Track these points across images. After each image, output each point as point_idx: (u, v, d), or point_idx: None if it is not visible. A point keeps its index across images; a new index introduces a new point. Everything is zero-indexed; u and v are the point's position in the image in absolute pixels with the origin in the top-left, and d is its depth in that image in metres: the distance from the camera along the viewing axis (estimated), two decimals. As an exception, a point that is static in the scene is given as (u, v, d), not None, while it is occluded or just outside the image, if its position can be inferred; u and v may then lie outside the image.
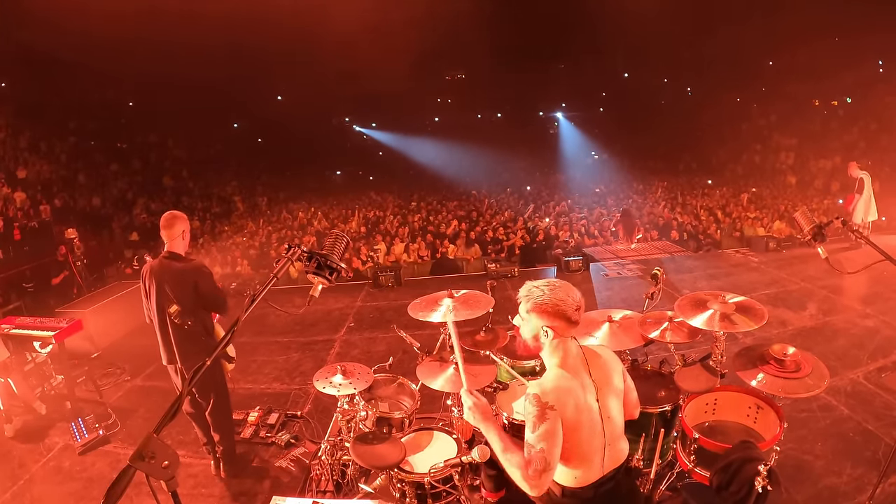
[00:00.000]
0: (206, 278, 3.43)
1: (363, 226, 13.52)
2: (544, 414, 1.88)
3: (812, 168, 16.63)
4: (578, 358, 2.04)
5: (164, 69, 16.80)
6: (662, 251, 9.72)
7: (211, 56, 16.53)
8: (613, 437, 2.05)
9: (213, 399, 3.61)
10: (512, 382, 3.36)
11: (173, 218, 3.42)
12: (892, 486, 3.15)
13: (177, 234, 3.41)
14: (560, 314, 1.98)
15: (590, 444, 1.97)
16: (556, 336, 2.01)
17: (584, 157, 23.62)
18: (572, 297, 1.99)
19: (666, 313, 3.30)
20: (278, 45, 17.23)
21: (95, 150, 17.44)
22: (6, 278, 9.11)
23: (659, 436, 2.76)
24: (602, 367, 2.08)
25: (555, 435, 1.87)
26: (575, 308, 1.99)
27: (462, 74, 25.99)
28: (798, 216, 3.02)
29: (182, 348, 3.43)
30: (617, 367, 2.14)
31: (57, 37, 13.77)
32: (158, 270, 3.40)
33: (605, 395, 2.03)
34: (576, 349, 2.06)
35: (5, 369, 4.53)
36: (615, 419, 2.06)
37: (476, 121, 26.29)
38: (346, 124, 26.57)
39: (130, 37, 14.31)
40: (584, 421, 1.94)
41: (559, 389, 1.93)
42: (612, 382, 2.09)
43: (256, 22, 15.93)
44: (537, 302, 2.00)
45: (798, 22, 16.42)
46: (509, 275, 8.35)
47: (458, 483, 2.73)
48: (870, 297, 6.24)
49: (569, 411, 1.91)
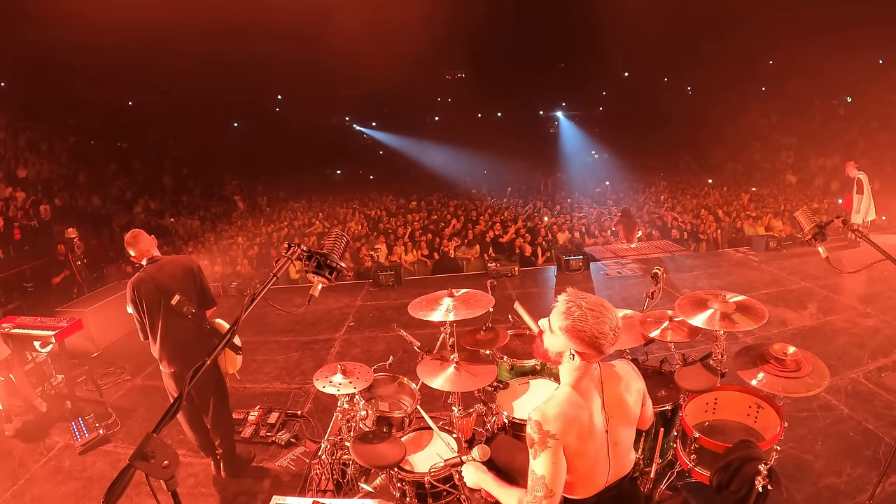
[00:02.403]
0: (200, 271, 3.59)
1: (363, 225, 13.52)
2: (545, 442, 1.81)
3: (812, 167, 16.63)
4: (595, 381, 1.94)
5: (165, 69, 16.81)
6: (663, 250, 9.72)
7: (211, 56, 16.51)
8: (618, 459, 1.99)
9: (213, 400, 3.61)
10: (512, 382, 3.36)
11: (136, 233, 3.51)
12: (892, 485, 3.15)
13: (146, 246, 3.50)
14: (595, 346, 1.82)
15: (593, 467, 1.92)
16: (582, 360, 1.88)
17: (584, 156, 23.63)
18: (613, 330, 1.82)
19: (666, 312, 3.30)
20: (278, 45, 17.21)
21: (95, 149, 17.45)
22: (6, 278, 9.11)
23: (659, 435, 2.76)
24: (618, 394, 1.98)
25: (557, 463, 1.81)
26: (612, 343, 1.83)
27: (462, 74, 25.99)
28: (799, 215, 3.02)
29: (188, 346, 3.43)
30: (634, 389, 2.03)
31: (57, 37, 13.77)
32: (149, 274, 3.41)
33: (615, 423, 1.95)
34: (595, 371, 1.95)
35: (6, 366, 4.54)
36: (623, 445, 1.99)
37: (476, 120, 26.29)
38: (346, 124, 26.58)
39: (131, 37, 14.28)
40: (587, 449, 1.88)
41: (562, 417, 1.84)
42: (627, 411, 1.99)
43: (257, 22, 15.93)
44: (575, 325, 1.81)
45: (798, 21, 16.41)
46: (509, 274, 8.35)
47: (458, 482, 2.73)
48: (870, 297, 6.24)
49: (571, 439, 1.83)
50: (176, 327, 3.41)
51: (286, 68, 19.71)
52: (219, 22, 14.70)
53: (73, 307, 6.38)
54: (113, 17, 13.08)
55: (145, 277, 3.41)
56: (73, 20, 12.57)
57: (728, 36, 18.97)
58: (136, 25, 14.08)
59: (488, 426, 3.31)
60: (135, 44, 14.78)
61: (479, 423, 3.48)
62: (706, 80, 22.06)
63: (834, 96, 19.55)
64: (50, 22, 12.96)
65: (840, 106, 19.25)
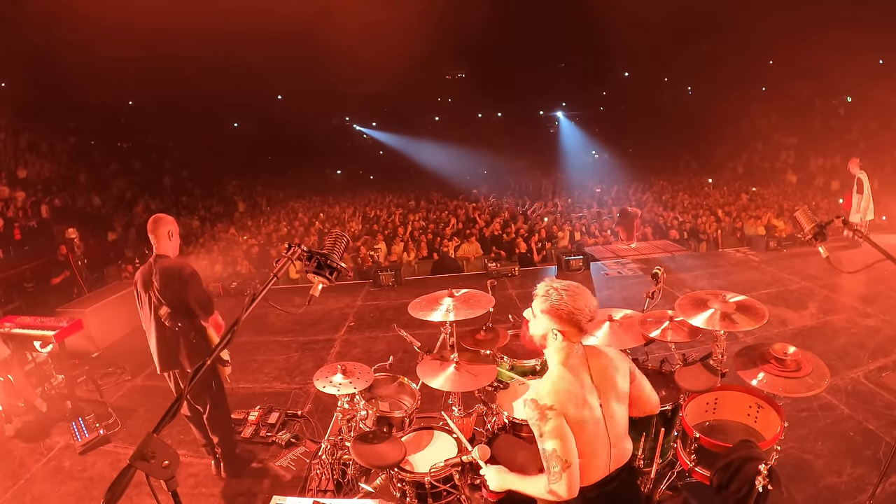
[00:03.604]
0: (191, 277, 3.38)
1: (363, 225, 13.52)
2: (545, 416, 1.89)
3: (812, 167, 16.63)
4: (580, 358, 2.05)
5: (165, 69, 16.80)
6: (663, 250, 9.72)
7: (211, 56, 16.52)
8: (617, 437, 2.06)
9: (210, 402, 3.60)
10: (512, 382, 3.35)
11: (157, 220, 3.43)
12: (892, 485, 3.15)
13: (163, 235, 3.41)
14: (573, 322, 1.98)
15: (594, 442, 1.97)
16: (565, 339, 2.02)
17: (584, 156, 23.63)
18: (588, 307, 1.99)
19: (666, 312, 3.30)
20: (278, 46, 17.22)
21: (95, 149, 17.45)
22: (6, 278, 9.10)
23: (659, 435, 2.75)
24: (604, 369, 2.07)
25: (563, 432, 1.88)
26: (589, 318, 2.00)
27: (462, 74, 25.99)
28: (799, 215, 3.01)
29: (174, 352, 3.42)
30: (622, 367, 2.13)
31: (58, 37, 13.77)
32: (147, 273, 3.41)
33: (607, 397, 2.03)
34: (579, 350, 2.06)
35: (6, 366, 4.54)
36: (618, 420, 2.06)
37: (476, 120, 26.30)
38: (346, 124, 26.58)
39: (131, 37, 14.29)
40: (587, 418, 1.95)
41: (556, 391, 1.94)
42: (615, 385, 2.08)
43: (257, 23, 15.92)
44: (553, 305, 1.98)
45: (798, 21, 16.40)
46: (509, 274, 8.35)
47: (458, 482, 2.73)
48: (870, 297, 6.24)
49: (570, 409, 1.92)
50: (166, 330, 3.41)
51: (286, 69, 19.72)
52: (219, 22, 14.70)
53: (73, 307, 6.38)
54: (113, 17, 13.08)
55: (145, 272, 3.41)
56: (74, 21, 12.57)
57: (728, 36, 18.97)
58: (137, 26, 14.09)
59: (488, 426, 3.31)
60: (135, 44, 14.77)
61: (480, 423, 3.48)
62: (706, 80, 22.06)
63: (834, 96, 19.54)
64: (50, 22, 12.95)
65: (840, 106, 19.24)
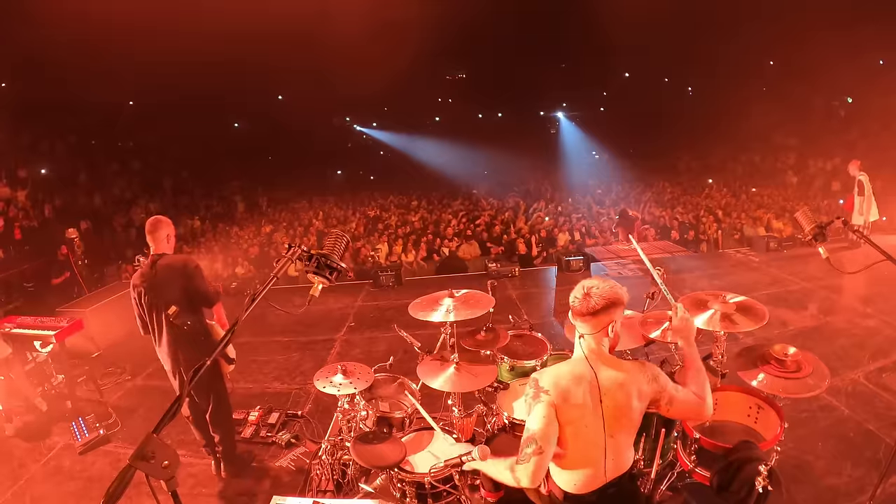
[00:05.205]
0: (196, 270, 3.44)
1: (363, 225, 13.51)
2: (538, 395, 1.97)
3: (812, 168, 16.62)
4: (592, 361, 2.03)
5: (165, 69, 16.78)
6: (663, 251, 9.71)
7: (211, 56, 16.50)
8: (617, 450, 2.03)
9: (213, 400, 3.61)
10: (512, 382, 3.35)
11: (157, 222, 3.45)
12: (892, 486, 3.15)
13: (161, 238, 3.43)
14: (571, 310, 2.08)
15: (589, 450, 1.96)
16: (579, 336, 2.10)
17: (584, 156, 23.62)
18: (578, 292, 2.06)
19: (666, 313, 3.29)
20: (278, 46, 17.21)
21: (95, 149, 17.45)
22: (7, 278, 9.09)
23: (660, 436, 2.75)
24: (614, 381, 2.00)
25: (548, 419, 1.91)
26: (577, 302, 2.05)
27: (463, 74, 25.97)
28: (799, 216, 3.02)
29: (183, 352, 3.43)
30: (636, 384, 2.02)
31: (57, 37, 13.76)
32: (149, 273, 3.40)
33: (611, 411, 1.99)
34: (584, 345, 2.07)
35: (6, 365, 4.54)
36: (619, 434, 2.01)
37: (477, 120, 26.28)
38: (346, 124, 26.55)
39: (131, 37, 14.29)
40: (577, 417, 1.95)
41: (556, 384, 1.98)
42: (624, 401, 1.99)
43: (257, 22, 15.91)
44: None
45: (799, 21, 16.40)
46: (510, 275, 8.35)
47: (458, 483, 2.73)
48: (870, 297, 6.24)
49: (560, 400, 1.95)
50: (174, 330, 3.41)
51: (287, 69, 19.70)
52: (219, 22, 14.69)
53: (73, 307, 6.38)
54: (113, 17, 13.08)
55: (146, 272, 3.41)
56: (74, 21, 12.57)
57: (729, 36, 18.94)
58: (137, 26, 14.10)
59: (488, 426, 3.31)
60: (136, 44, 14.78)
61: (480, 424, 3.48)
62: (707, 80, 22.06)
63: (834, 97, 19.53)
64: (51, 22, 12.95)
65: (841, 106, 19.24)
